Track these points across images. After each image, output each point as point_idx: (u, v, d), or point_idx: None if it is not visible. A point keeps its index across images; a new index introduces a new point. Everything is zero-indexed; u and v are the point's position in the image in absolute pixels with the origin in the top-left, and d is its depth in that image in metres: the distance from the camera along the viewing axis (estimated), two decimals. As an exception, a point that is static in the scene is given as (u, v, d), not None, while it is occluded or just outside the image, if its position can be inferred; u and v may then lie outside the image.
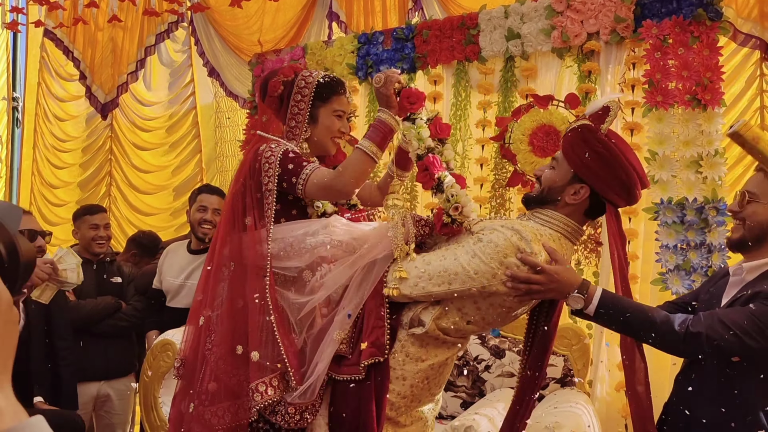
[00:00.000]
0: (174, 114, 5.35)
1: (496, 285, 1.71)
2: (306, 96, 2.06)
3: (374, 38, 3.89)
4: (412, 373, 1.79)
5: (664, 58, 2.90)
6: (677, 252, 2.87)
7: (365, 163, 1.90)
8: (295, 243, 1.92)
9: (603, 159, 1.76)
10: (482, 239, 1.74)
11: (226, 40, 5.00)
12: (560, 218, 1.83)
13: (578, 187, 1.79)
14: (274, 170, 1.93)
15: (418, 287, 1.75)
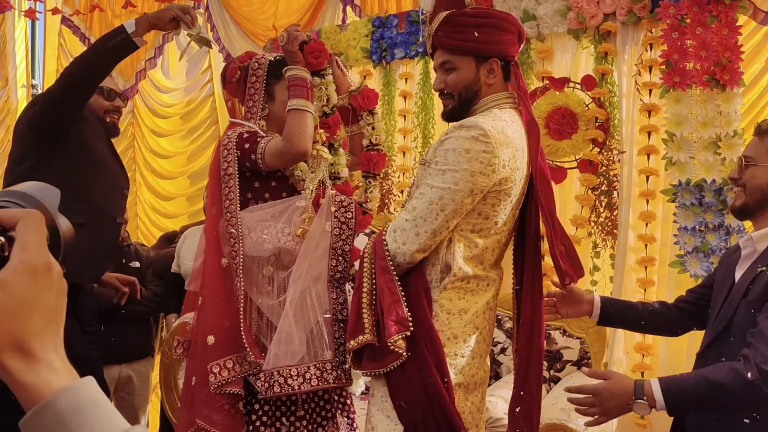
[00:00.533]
0: (192, 101, 5.38)
1: (481, 181, 1.69)
2: (260, 76, 2.16)
3: (388, 22, 3.88)
4: (461, 328, 1.75)
5: (681, 38, 2.87)
6: (695, 234, 2.85)
7: (302, 118, 1.98)
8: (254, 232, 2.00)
9: (490, 26, 1.79)
10: (438, 156, 1.73)
11: (240, 25, 5.01)
12: (488, 99, 1.82)
13: (488, 65, 1.80)
14: (233, 155, 2.03)
15: (420, 235, 1.72)
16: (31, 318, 0.55)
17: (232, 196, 2.02)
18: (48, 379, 0.54)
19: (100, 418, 0.54)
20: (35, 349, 0.55)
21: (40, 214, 0.59)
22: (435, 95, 3.79)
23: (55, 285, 0.57)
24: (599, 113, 3.12)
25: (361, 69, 3.98)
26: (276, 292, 2.00)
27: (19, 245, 0.56)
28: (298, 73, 2.03)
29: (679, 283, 2.89)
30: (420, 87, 3.79)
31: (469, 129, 1.69)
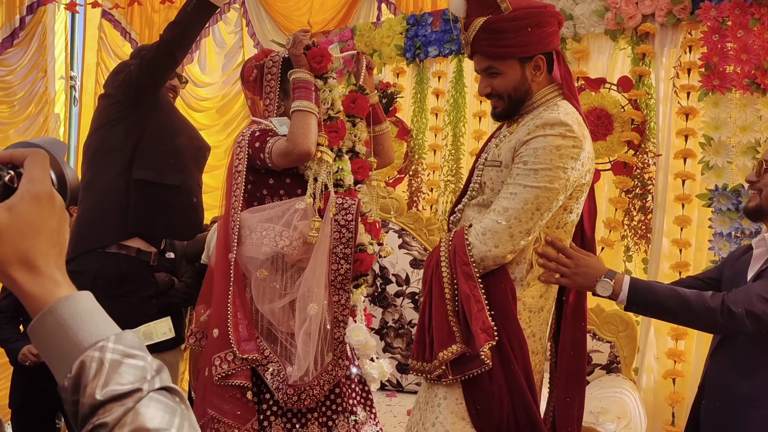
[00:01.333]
0: (226, 95, 5.44)
1: (575, 176, 1.69)
2: (275, 74, 2.20)
3: (423, 20, 3.87)
4: (538, 326, 1.76)
5: (722, 40, 2.82)
6: (731, 240, 2.80)
7: (305, 119, 2.01)
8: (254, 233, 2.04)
9: (529, 25, 1.75)
10: (526, 156, 1.70)
11: (276, 21, 5.05)
12: (543, 92, 1.81)
13: (533, 63, 1.79)
14: (244, 153, 2.09)
15: (515, 236, 1.69)
16: (36, 238, 0.64)
17: (238, 193, 2.08)
18: (51, 289, 0.63)
19: (98, 323, 0.63)
20: (40, 264, 0.64)
21: (44, 152, 0.67)
22: (467, 94, 3.79)
23: (57, 212, 0.66)
24: (635, 115, 3.08)
25: (395, 66, 3.98)
26: (271, 296, 2.04)
27: (26, 177, 0.65)
28: (302, 76, 2.08)
29: (713, 289, 2.85)
30: (452, 85, 3.78)
31: (553, 127, 1.69)
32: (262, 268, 2.04)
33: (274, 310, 2.02)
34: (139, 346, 0.62)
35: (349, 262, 2.03)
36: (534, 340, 1.75)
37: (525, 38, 1.75)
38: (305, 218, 2.01)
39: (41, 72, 5.68)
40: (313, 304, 1.96)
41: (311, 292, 1.97)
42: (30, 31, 5.64)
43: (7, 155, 0.67)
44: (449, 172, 3.74)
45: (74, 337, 0.61)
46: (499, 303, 1.69)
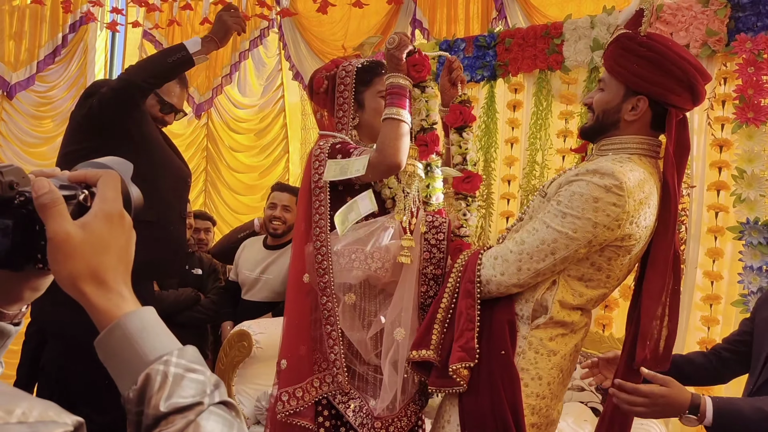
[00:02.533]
0: (265, 118, 5.54)
1: (602, 233, 1.57)
2: (348, 84, 2.06)
3: (456, 45, 3.91)
4: (547, 369, 1.66)
5: (757, 73, 2.81)
6: (762, 274, 2.76)
7: (397, 129, 1.86)
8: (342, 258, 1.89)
9: (651, 61, 1.63)
10: (563, 196, 1.61)
11: (311, 44, 5.14)
12: (629, 139, 1.70)
13: (635, 100, 1.66)
14: (324, 166, 1.93)
15: (522, 271, 1.62)
16: (106, 255, 0.67)
17: (323, 210, 1.92)
18: (119, 304, 0.67)
19: (161, 337, 0.66)
20: (109, 279, 0.67)
21: (117, 174, 0.72)
22: (499, 120, 3.80)
23: (126, 231, 0.70)
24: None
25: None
26: (361, 323, 1.89)
27: (99, 197, 0.69)
28: (397, 81, 1.91)
29: (744, 323, 2.81)
30: (484, 111, 3.80)
31: (603, 176, 1.57)
32: (350, 292, 1.89)
33: (363, 340, 1.88)
34: (199, 360, 0.66)
35: (439, 284, 1.87)
36: (540, 383, 1.66)
37: (640, 70, 1.65)
38: (396, 237, 1.87)
39: (82, 88, 5.84)
40: (400, 329, 1.81)
41: (399, 316, 1.84)
42: (72, 49, 5.82)
43: (81, 175, 0.72)
44: (480, 197, 3.74)
45: (140, 350, 0.64)
46: (495, 332, 1.65)
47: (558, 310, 1.64)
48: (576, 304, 1.66)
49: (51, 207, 0.65)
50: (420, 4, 4.53)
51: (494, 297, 1.68)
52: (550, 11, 4.00)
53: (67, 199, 0.67)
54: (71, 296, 0.66)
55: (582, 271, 1.64)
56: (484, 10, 4.33)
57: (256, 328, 3.11)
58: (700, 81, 1.66)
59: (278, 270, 3.53)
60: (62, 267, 0.66)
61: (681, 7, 3.04)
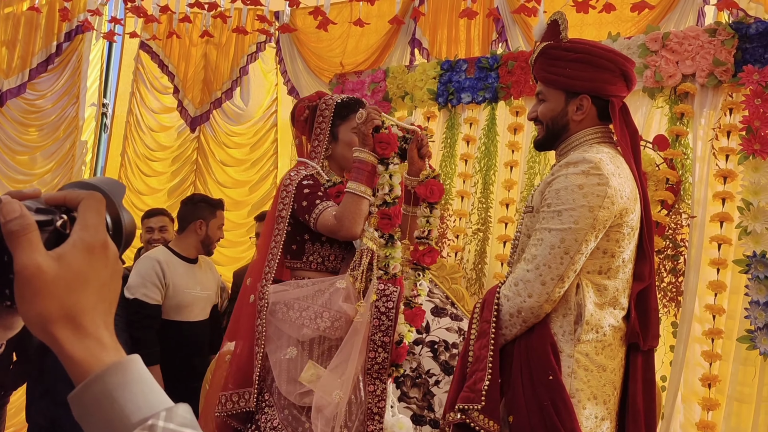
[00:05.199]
0: (258, 131, 5.48)
1: (602, 215, 1.60)
2: (327, 116, 2.22)
3: (457, 66, 3.87)
4: (600, 387, 1.62)
5: (764, 105, 2.77)
6: (767, 309, 2.71)
7: (358, 204, 2.01)
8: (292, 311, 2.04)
9: (581, 61, 1.73)
10: (549, 198, 1.66)
11: (308, 61, 5.09)
12: (582, 134, 1.79)
13: (578, 101, 1.76)
14: (290, 199, 2.09)
15: (547, 284, 1.61)
16: (84, 292, 0.57)
17: (279, 239, 2.09)
18: (97, 353, 0.56)
19: (146, 393, 0.56)
20: (86, 323, 0.57)
21: (101, 196, 0.61)
22: (499, 142, 3.76)
23: (110, 264, 0.60)
24: (670, 174, 3.03)
25: (426, 110, 3.97)
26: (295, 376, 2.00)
27: (80, 224, 0.59)
28: (363, 157, 2.05)
29: (747, 359, 2.75)
30: (485, 133, 3.76)
31: (576, 164, 1.65)
32: (292, 346, 2.01)
33: (292, 392, 1.99)
34: (192, 423, 0.56)
35: (387, 351, 1.97)
36: (596, 403, 1.60)
37: (574, 72, 1.75)
38: (348, 299, 1.98)
39: (73, 98, 5.76)
40: (338, 391, 1.89)
41: (341, 379, 1.91)
42: (65, 58, 5.74)
43: (60, 197, 0.61)
44: (479, 220, 3.68)
45: (121, 411, 0.54)
46: (536, 361, 1.59)
47: (591, 312, 1.63)
48: (606, 299, 1.66)
49: (20, 235, 0.56)
50: (421, 24, 4.50)
51: (531, 324, 1.64)
52: (553, 36, 3.97)
53: (41, 225, 0.58)
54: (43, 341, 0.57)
55: (598, 263, 1.66)
56: (484, 32, 4.30)
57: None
58: (628, 66, 1.77)
59: (209, 281, 3.45)
60: (31, 306, 0.55)
61: (688, 36, 3.01)
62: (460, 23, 4.35)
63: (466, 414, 1.58)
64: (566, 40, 1.76)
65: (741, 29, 2.90)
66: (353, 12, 4.60)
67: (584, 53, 1.75)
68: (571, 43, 1.76)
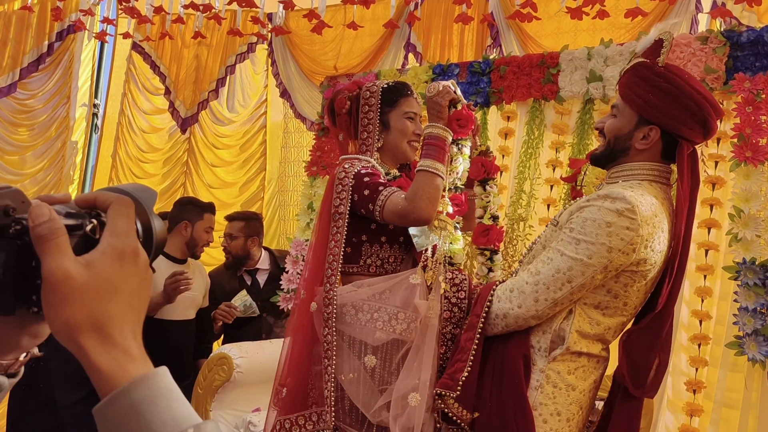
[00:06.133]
0: (248, 132, 5.48)
1: (617, 258, 1.54)
2: (373, 105, 2.00)
3: (449, 70, 3.87)
4: (566, 405, 1.62)
5: (756, 113, 2.79)
6: (756, 316, 2.72)
7: (432, 182, 1.80)
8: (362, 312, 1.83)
9: (666, 92, 1.64)
10: (575, 223, 1.59)
11: (300, 63, 5.09)
12: (639, 166, 1.70)
13: (647, 129, 1.68)
14: (347, 192, 1.87)
15: (539, 301, 1.59)
16: (114, 301, 0.56)
17: (338, 237, 1.87)
18: (125, 365, 0.55)
19: (173, 409, 0.54)
20: (114, 333, 0.55)
21: (130, 200, 0.60)
22: (490, 147, 3.75)
23: (140, 272, 0.58)
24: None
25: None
26: (378, 388, 1.78)
27: (110, 229, 0.58)
28: (438, 132, 1.85)
29: (736, 365, 2.76)
30: (476, 138, 3.76)
31: (614, 201, 1.57)
32: (371, 354, 1.79)
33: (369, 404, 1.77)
34: None
35: None
36: (559, 419, 1.61)
37: (654, 99, 1.65)
38: (422, 296, 1.78)
39: (64, 98, 5.74)
40: (415, 394, 1.69)
41: (416, 381, 1.72)
42: (57, 58, 5.72)
43: (91, 198, 0.60)
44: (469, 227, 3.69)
45: (147, 427, 0.53)
46: (507, 367, 1.61)
47: (575, 340, 1.61)
48: (594, 333, 1.63)
49: (49, 239, 0.54)
50: (415, 28, 4.51)
51: (512, 330, 1.64)
52: (546, 41, 4.00)
53: (71, 230, 0.56)
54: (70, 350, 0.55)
55: (598, 299, 1.62)
56: (478, 37, 4.32)
57: (236, 352, 3.01)
58: (713, 116, 1.67)
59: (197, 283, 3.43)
60: (58, 314, 0.54)
61: (680, 44, 3.03)
62: (454, 28, 4.37)
63: (442, 399, 1.60)
64: (662, 64, 1.67)
65: (732, 37, 2.92)
66: (347, 15, 4.61)
67: (673, 85, 1.65)
68: (666, 69, 1.67)
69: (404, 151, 2.03)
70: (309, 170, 4.14)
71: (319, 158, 4.14)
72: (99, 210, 0.59)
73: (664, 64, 1.66)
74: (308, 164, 4.17)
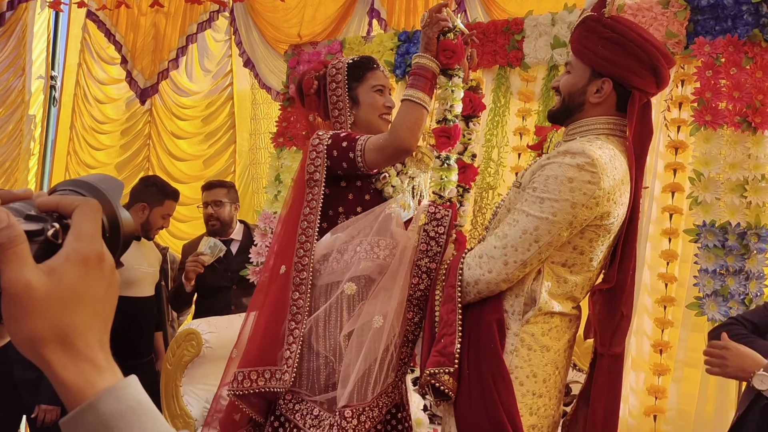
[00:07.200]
0: (212, 104, 5.37)
1: (581, 213, 1.56)
2: (340, 81, 2.01)
3: (415, 37, 3.83)
4: (541, 366, 1.64)
5: (715, 77, 2.82)
6: (715, 277, 2.79)
7: (415, 112, 1.79)
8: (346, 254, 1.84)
9: (614, 42, 1.64)
10: (537, 182, 1.60)
11: (263, 32, 4.99)
12: (595, 120, 1.71)
13: (599, 82, 1.69)
14: (322, 159, 1.87)
15: (509, 264, 1.60)
16: (79, 310, 0.53)
17: (314, 205, 1.86)
18: (91, 378, 0.52)
19: (144, 422, 0.52)
20: (79, 344, 0.53)
21: (97, 203, 0.57)
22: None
23: (106, 277, 0.55)
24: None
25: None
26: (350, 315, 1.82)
27: (74, 233, 0.54)
28: (424, 63, 1.83)
29: (696, 325, 2.84)
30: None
31: (574, 156, 1.58)
32: (350, 282, 1.79)
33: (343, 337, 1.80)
34: None
35: (431, 277, 1.80)
36: (536, 380, 1.64)
37: (604, 51, 1.65)
38: (399, 225, 1.81)
39: (18, 70, 5.56)
40: (379, 317, 1.74)
41: (383, 304, 1.76)
42: (9, 28, 5.52)
43: (53, 203, 0.56)
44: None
45: None
46: (483, 333, 1.63)
47: (546, 300, 1.64)
48: (563, 291, 1.66)
49: (7, 248, 0.50)
50: (378, -7, 4.44)
51: (485, 297, 1.66)
52: (510, 6, 3.97)
53: (31, 236, 0.52)
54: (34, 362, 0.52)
55: (565, 256, 1.64)
56: (443, 3, 4.27)
57: (205, 327, 3.00)
58: (663, 64, 1.67)
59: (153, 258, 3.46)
60: (20, 327, 0.51)
61: (642, 8, 3.03)
62: (418, -7, 4.31)
63: (434, 377, 1.60)
64: (608, 15, 1.66)
65: (693, 1, 2.93)
66: (310, -19, 4.52)
67: (620, 34, 1.64)
68: (612, 20, 1.66)
69: (375, 124, 2.03)
70: (276, 141, 4.09)
71: (285, 129, 4.09)
72: (62, 213, 0.56)
73: (611, 15, 1.67)
74: (275, 135, 4.12)
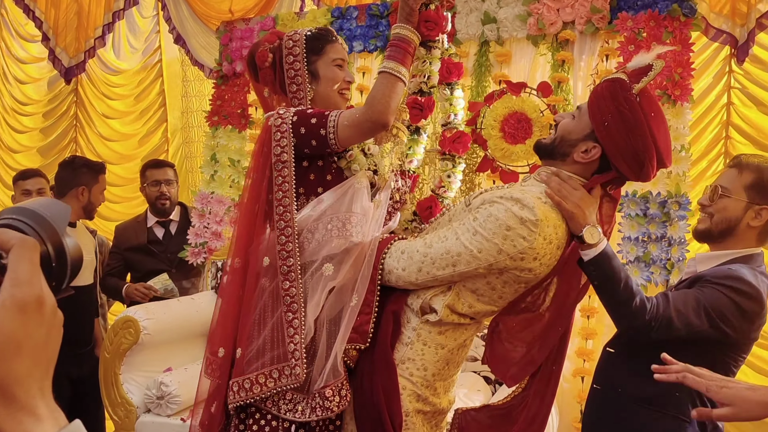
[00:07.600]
0: (141, 82, 5.22)
1: (504, 261, 1.59)
2: (298, 54, 1.90)
3: (348, 13, 3.81)
4: (433, 361, 1.71)
5: (637, 51, 2.92)
6: (638, 244, 2.92)
7: (392, 84, 1.72)
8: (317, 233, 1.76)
9: (625, 122, 1.62)
10: (481, 214, 1.61)
11: (193, 7, 4.85)
12: (567, 176, 1.70)
13: (591, 145, 1.67)
14: (288, 139, 1.75)
15: (422, 273, 1.65)
16: (17, 359, 0.51)
17: (287, 187, 1.74)
18: (31, 428, 0.51)
19: None
20: (19, 394, 0.51)
21: (34, 241, 0.55)
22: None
23: (46, 322, 0.54)
24: (553, 120, 3.15)
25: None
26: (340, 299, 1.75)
27: (9, 278, 0.52)
28: (405, 34, 1.76)
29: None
30: (377, 82, 3.75)
31: (523, 208, 1.57)
32: (328, 263, 1.72)
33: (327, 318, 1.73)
34: None
35: None
36: (425, 373, 1.71)
37: (611, 123, 1.63)
38: (369, 198, 1.76)
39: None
40: (355, 295, 1.70)
41: (354, 281, 1.71)
42: None
43: None
44: None
45: None
46: (382, 321, 1.71)
47: (447, 314, 1.69)
48: (464, 312, 1.71)
49: None
50: (311, -32, 4.37)
51: (392, 286, 1.72)
52: (442, -19, 3.97)
53: None
54: None
55: (477, 285, 1.68)
56: (376, -23, 4.24)
57: (143, 314, 2.96)
58: (653, 164, 1.66)
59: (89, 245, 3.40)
60: None
61: (567, -16, 3.10)
62: (351, -33, 4.27)
63: (346, 354, 1.68)
64: (637, 92, 1.63)
65: (616, -23, 3.01)
66: (239, -45, 4.41)
67: (634, 118, 1.62)
68: (639, 98, 1.63)
69: (334, 99, 1.93)
70: (210, 120, 4.03)
71: (219, 107, 4.02)
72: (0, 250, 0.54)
73: (639, 93, 1.64)
74: (209, 114, 4.05)
